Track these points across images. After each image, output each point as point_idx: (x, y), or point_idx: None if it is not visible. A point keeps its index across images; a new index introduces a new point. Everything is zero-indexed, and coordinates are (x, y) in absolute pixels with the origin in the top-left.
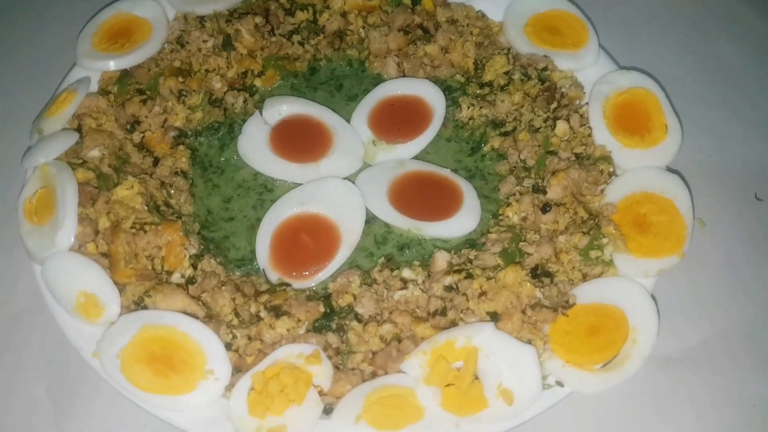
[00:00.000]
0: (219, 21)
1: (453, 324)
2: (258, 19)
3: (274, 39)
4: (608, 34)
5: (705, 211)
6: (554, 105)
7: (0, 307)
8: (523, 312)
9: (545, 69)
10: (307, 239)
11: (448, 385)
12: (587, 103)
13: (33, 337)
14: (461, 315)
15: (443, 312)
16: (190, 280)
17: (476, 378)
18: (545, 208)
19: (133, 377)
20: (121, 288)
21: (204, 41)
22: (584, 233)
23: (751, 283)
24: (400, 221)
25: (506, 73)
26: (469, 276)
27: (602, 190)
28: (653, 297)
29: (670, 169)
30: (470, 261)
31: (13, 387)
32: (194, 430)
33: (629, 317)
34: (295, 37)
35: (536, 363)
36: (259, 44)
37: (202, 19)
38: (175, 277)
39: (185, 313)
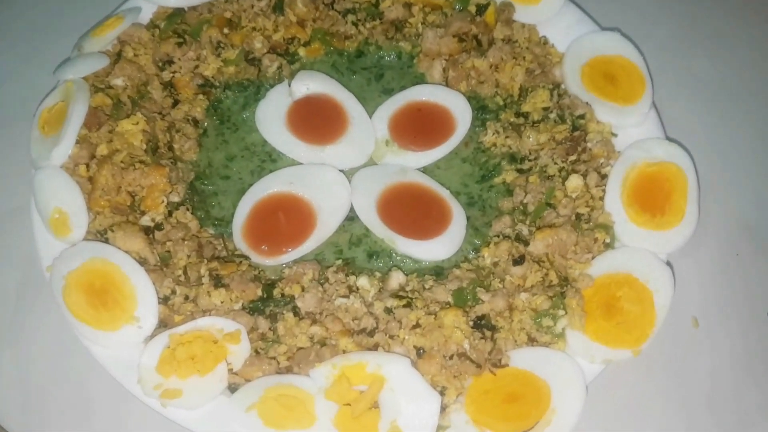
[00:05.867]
0: None
1: (375, 347)
2: None
3: (330, 12)
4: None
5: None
6: (573, 157)
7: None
8: (450, 358)
9: (582, 117)
10: (283, 219)
11: (346, 404)
12: (611, 165)
13: (19, 234)
14: (388, 340)
15: (371, 332)
16: (158, 226)
17: (376, 407)
18: (518, 260)
19: (69, 301)
20: (95, 215)
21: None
22: (548, 297)
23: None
24: (378, 228)
25: (545, 109)
26: (408, 305)
27: (591, 259)
28: (587, 388)
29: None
30: (424, 289)
31: None
32: (105, 364)
33: (554, 396)
34: (350, 17)
35: (435, 413)
36: (312, 15)
37: None
38: (145, 219)
39: (137, 256)
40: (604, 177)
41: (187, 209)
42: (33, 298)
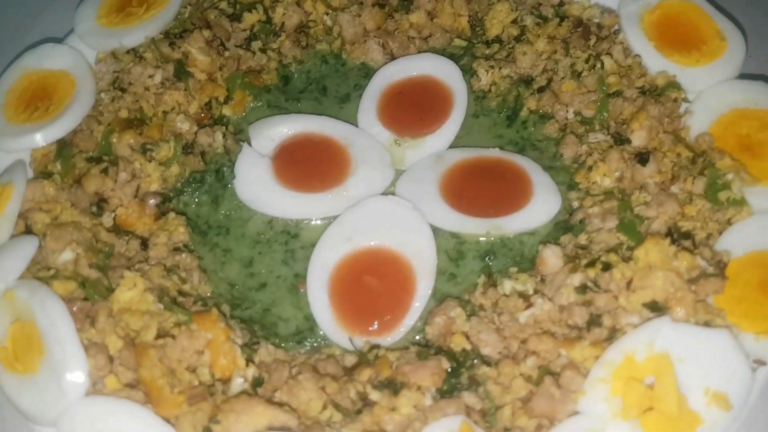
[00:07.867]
0: (160, 47)
1: (614, 331)
2: (206, 33)
3: (228, 53)
4: None
5: None
6: (593, 40)
7: None
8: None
9: (561, 4)
10: (373, 280)
11: (647, 410)
12: (617, 31)
13: None
14: (615, 318)
15: (596, 321)
16: (257, 382)
17: None
18: (642, 158)
19: None
20: (174, 423)
21: (150, 76)
22: (698, 175)
23: None
24: (471, 226)
25: (514, 21)
26: (608, 266)
27: (684, 122)
28: None
29: (747, 76)
30: (583, 248)
31: None
32: None
33: None
34: (255, 44)
35: (737, 347)
36: (217, 63)
37: (136, 52)
38: (237, 384)
39: (273, 429)
40: (624, 47)
41: (267, 343)
42: None
